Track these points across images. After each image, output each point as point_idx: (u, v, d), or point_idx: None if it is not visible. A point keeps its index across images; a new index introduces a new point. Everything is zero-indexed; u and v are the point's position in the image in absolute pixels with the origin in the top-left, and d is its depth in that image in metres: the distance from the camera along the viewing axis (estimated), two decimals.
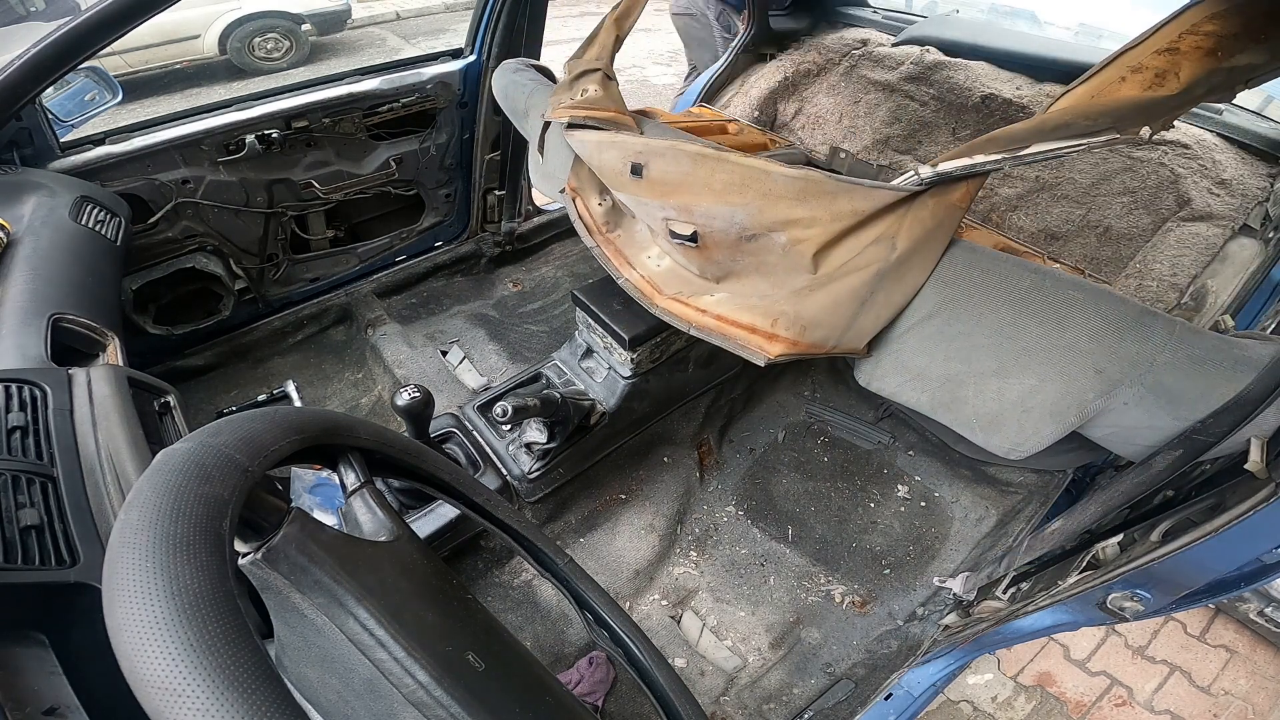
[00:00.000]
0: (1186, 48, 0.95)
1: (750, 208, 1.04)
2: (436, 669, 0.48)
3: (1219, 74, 0.94)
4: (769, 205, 1.03)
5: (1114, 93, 0.96)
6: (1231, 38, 0.95)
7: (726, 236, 1.10)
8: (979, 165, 0.92)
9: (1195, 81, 0.94)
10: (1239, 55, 0.94)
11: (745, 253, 1.11)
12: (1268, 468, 0.77)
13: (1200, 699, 1.71)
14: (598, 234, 1.35)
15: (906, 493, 1.78)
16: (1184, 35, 0.95)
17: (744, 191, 1.04)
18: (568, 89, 1.32)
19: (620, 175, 1.17)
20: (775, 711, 1.36)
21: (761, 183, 1.03)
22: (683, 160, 1.09)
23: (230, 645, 0.33)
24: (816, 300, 1.07)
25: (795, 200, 1.01)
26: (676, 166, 1.10)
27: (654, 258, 1.30)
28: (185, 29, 5.11)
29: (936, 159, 0.98)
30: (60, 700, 0.54)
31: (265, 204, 1.83)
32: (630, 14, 1.38)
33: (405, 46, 6.37)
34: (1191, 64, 0.94)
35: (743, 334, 1.14)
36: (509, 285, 2.44)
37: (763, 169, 1.03)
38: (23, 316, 0.98)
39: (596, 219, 1.35)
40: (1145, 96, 0.95)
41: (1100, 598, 0.96)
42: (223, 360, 1.97)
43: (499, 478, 1.55)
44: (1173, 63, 0.95)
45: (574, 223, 1.39)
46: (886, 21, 2.33)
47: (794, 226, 1.03)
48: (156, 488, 0.39)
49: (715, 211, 1.08)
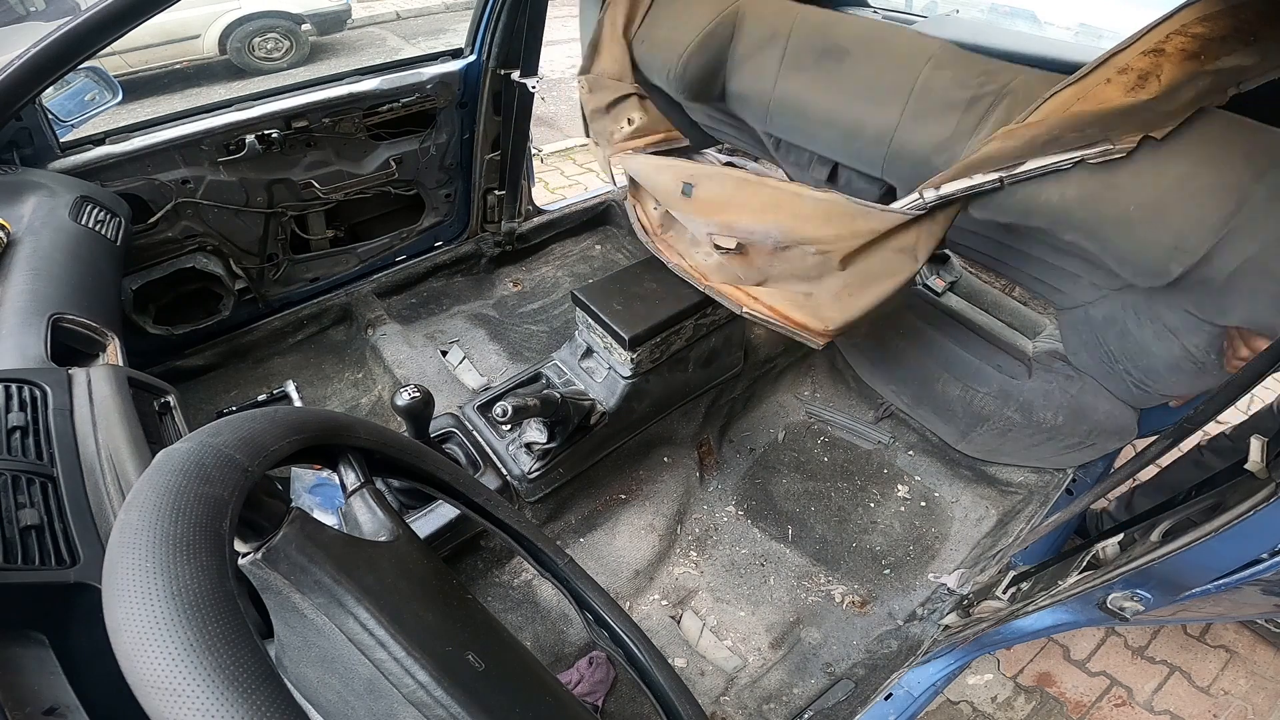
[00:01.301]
0: (1171, 49, 0.96)
1: (783, 225, 1.20)
2: (436, 669, 0.48)
3: (1204, 77, 0.94)
4: (799, 224, 1.18)
5: (1099, 95, 0.97)
6: (1219, 40, 0.94)
7: (764, 247, 1.26)
8: (978, 186, 1.00)
9: (1176, 84, 0.95)
10: (1226, 58, 0.94)
11: (781, 260, 1.27)
12: (1268, 468, 0.77)
13: (1200, 699, 1.71)
14: (655, 235, 1.54)
15: (906, 493, 1.78)
16: (1171, 36, 0.96)
17: (778, 211, 1.20)
18: (605, 115, 1.49)
19: (672, 194, 1.35)
20: (775, 711, 1.36)
21: (793, 204, 1.19)
22: (727, 183, 1.27)
23: (230, 645, 0.33)
24: (858, 304, 1.23)
25: (822, 221, 1.16)
26: (722, 189, 1.27)
27: (703, 255, 1.45)
28: (185, 29, 5.11)
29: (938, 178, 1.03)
30: (60, 700, 0.53)
31: (265, 204, 1.83)
32: (634, 21, 1.45)
33: (405, 46, 6.36)
34: (1173, 66, 0.95)
35: (795, 327, 1.31)
36: (509, 285, 2.44)
37: (795, 192, 1.20)
38: (23, 316, 0.98)
39: (653, 222, 1.53)
40: (1128, 101, 0.96)
41: (1100, 598, 0.96)
42: (223, 360, 1.97)
43: (499, 478, 1.55)
44: (1155, 64, 0.96)
45: (633, 225, 1.58)
46: (886, 21, 2.33)
47: (821, 242, 1.17)
48: (156, 488, 0.39)
49: (753, 228, 1.24)
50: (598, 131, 1.52)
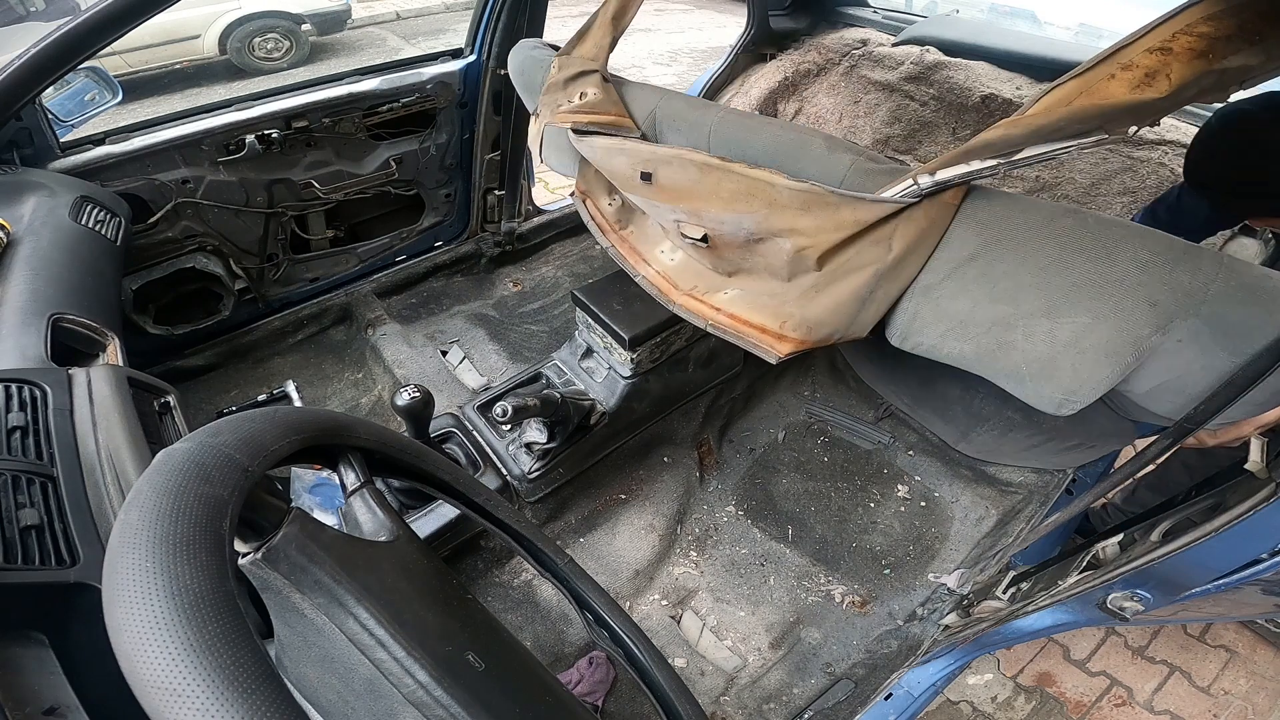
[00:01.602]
0: (1179, 49, 0.95)
1: (757, 215, 1.07)
2: (436, 669, 0.48)
3: (1210, 76, 0.94)
4: (775, 214, 1.06)
5: (1103, 90, 0.96)
6: (1225, 39, 0.95)
7: (735, 239, 1.13)
8: (976, 172, 0.94)
9: (1185, 83, 0.94)
10: (1232, 57, 0.95)
11: (754, 253, 1.14)
12: (1268, 468, 0.77)
13: (1200, 699, 1.71)
14: (611, 233, 1.38)
15: (906, 493, 1.78)
16: (1178, 35, 0.95)
17: (750, 201, 1.07)
18: (561, 89, 1.32)
19: (630, 180, 1.20)
20: (775, 711, 1.36)
21: (767, 193, 1.05)
22: (690, 169, 1.11)
23: (230, 645, 0.33)
24: (820, 303, 1.10)
25: (800, 210, 1.04)
26: (684, 175, 1.12)
27: (667, 252, 1.32)
28: (185, 29, 5.11)
29: (933, 163, 0.98)
30: (60, 700, 0.53)
31: (265, 204, 1.83)
32: (626, 12, 1.36)
33: (405, 46, 6.36)
34: (1183, 65, 0.94)
35: (755, 333, 1.18)
36: (509, 285, 2.44)
37: (768, 180, 1.05)
38: (23, 316, 0.98)
39: (608, 218, 1.37)
40: (1133, 98, 0.95)
41: (1100, 598, 0.96)
42: (223, 360, 1.97)
43: (499, 478, 1.55)
44: (1164, 63, 0.95)
45: (586, 223, 1.41)
46: (886, 21, 2.33)
47: (799, 235, 1.05)
48: (156, 488, 0.39)
49: (724, 218, 1.11)
50: (545, 103, 1.36)
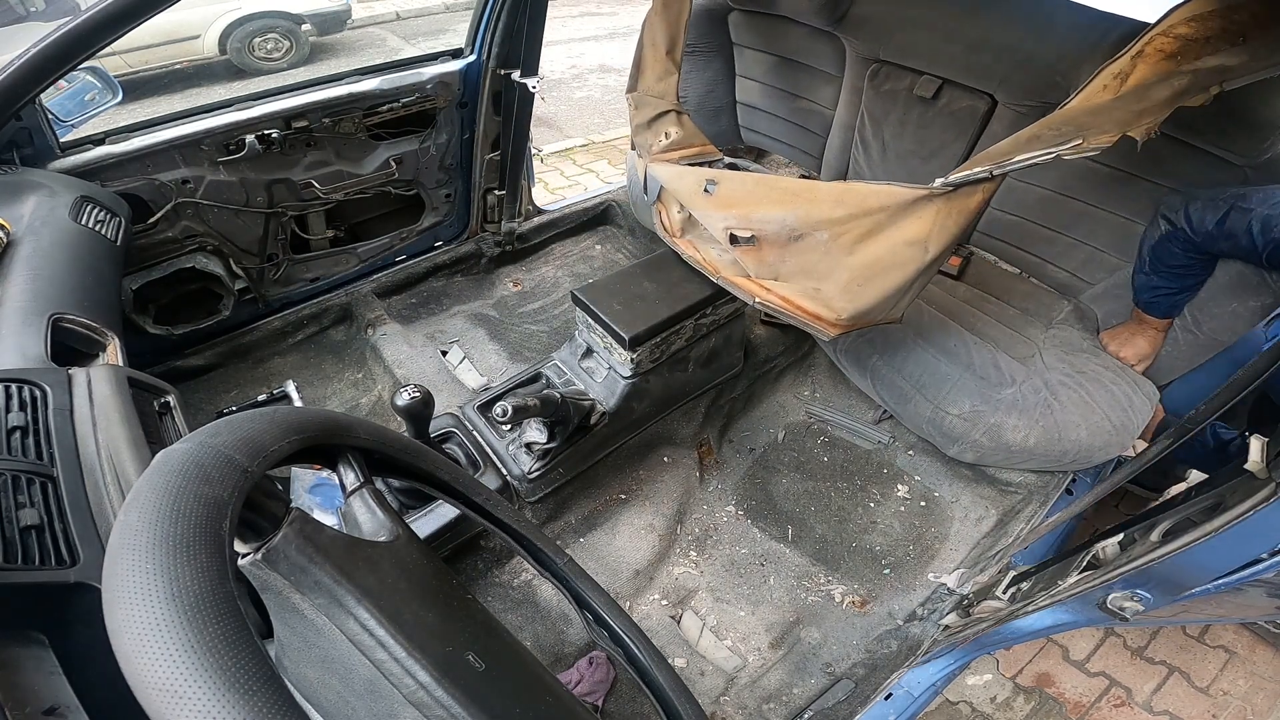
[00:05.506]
0: (1150, 51, 1.01)
1: (799, 211, 1.29)
2: (436, 669, 0.48)
3: (1181, 76, 0.98)
4: (813, 209, 1.27)
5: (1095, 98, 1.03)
6: (1203, 41, 0.97)
7: (778, 237, 1.34)
8: (973, 175, 1.11)
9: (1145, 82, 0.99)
10: (1209, 58, 0.97)
11: (792, 253, 1.35)
12: (1268, 468, 0.77)
13: (1199, 700, 1.71)
14: (675, 236, 1.64)
15: (906, 493, 1.78)
16: (1155, 38, 1.00)
17: (794, 200, 1.31)
18: (647, 129, 1.62)
19: (695, 194, 1.47)
20: (775, 711, 1.36)
21: (808, 194, 1.29)
22: (748, 181, 1.41)
23: (230, 646, 0.33)
24: (866, 296, 1.30)
25: (835, 203, 1.25)
26: (742, 185, 1.40)
27: (718, 252, 1.53)
28: (185, 29, 5.10)
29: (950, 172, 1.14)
30: (60, 700, 0.53)
31: (265, 204, 1.83)
32: (676, 44, 1.61)
33: (405, 46, 6.36)
34: (1146, 66, 1.01)
35: (806, 317, 1.40)
36: (509, 285, 2.44)
37: (808, 185, 1.31)
38: (23, 316, 0.98)
39: (675, 224, 1.64)
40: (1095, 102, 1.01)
41: (1100, 598, 0.96)
42: (223, 360, 1.97)
43: (499, 478, 1.55)
44: (1131, 65, 1.01)
45: (655, 228, 1.71)
46: None
47: (834, 225, 1.26)
48: (156, 488, 0.39)
49: (770, 216, 1.33)
50: (639, 144, 1.66)
